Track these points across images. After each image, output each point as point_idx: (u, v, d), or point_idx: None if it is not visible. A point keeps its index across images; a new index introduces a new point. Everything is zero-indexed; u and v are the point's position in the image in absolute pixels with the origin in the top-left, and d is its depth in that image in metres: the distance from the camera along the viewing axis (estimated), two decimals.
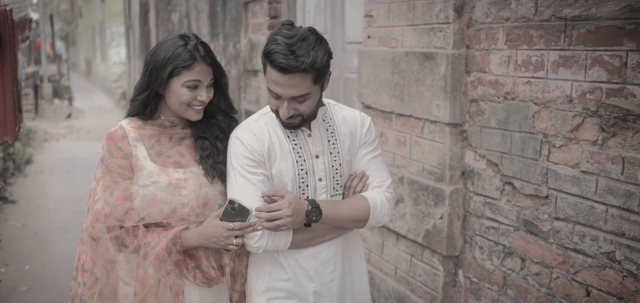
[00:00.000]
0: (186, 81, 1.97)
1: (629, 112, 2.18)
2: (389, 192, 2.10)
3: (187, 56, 1.96)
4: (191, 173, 2.05)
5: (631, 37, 2.15)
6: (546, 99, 2.51)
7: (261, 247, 1.96)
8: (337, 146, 2.05)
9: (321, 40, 1.88)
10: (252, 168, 1.95)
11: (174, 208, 2.00)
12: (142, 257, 2.00)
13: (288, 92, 1.86)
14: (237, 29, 5.75)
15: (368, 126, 2.11)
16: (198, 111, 2.04)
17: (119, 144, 2.04)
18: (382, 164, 2.13)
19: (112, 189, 2.02)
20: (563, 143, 2.46)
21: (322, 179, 2.03)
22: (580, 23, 2.33)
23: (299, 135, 2.02)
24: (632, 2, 2.13)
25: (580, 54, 2.34)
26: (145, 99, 2.04)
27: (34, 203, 7.36)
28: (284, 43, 1.81)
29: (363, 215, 2.03)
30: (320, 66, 1.84)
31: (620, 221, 2.25)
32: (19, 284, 4.82)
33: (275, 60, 1.81)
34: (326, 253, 2.05)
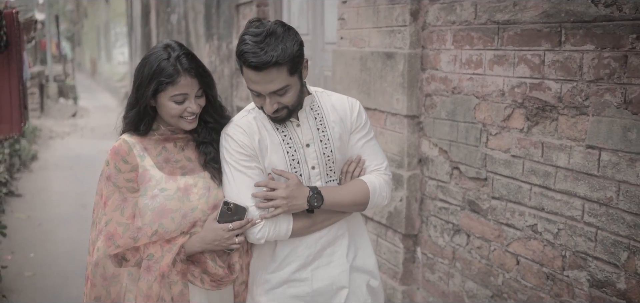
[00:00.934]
0: (172, 95, 1.98)
1: (547, 103, 2.56)
2: (386, 174, 2.13)
3: (170, 71, 1.96)
4: (199, 178, 2.07)
5: (547, 39, 2.52)
6: (484, 92, 2.89)
7: (263, 237, 1.99)
8: (327, 133, 2.08)
9: (289, 30, 1.90)
10: (245, 162, 1.99)
11: (184, 213, 2.02)
12: (144, 270, 2.01)
13: (267, 88, 1.89)
14: (230, 30, 6.14)
15: (358, 111, 2.13)
16: (191, 121, 2.05)
17: (126, 158, 2.04)
18: (377, 147, 2.16)
19: (122, 208, 2.03)
20: (497, 131, 2.84)
21: (315, 167, 2.06)
22: (510, 26, 2.71)
23: (287, 126, 2.05)
24: (547, 8, 2.51)
25: (510, 54, 2.72)
26: (135, 115, 2.06)
27: (38, 196, 7.77)
28: (252, 41, 1.84)
29: (363, 198, 2.07)
30: (292, 55, 1.86)
31: (541, 197, 2.63)
32: (24, 270, 5.20)
33: (247, 59, 1.84)
34: (326, 239, 2.08)
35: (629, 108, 2.21)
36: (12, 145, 8.81)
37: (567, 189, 2.50)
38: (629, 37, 2.18)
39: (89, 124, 14.23)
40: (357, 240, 2.19)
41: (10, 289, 4.75)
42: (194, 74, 1.99)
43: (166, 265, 1.97)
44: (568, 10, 2.41)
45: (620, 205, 2.28)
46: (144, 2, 10.63)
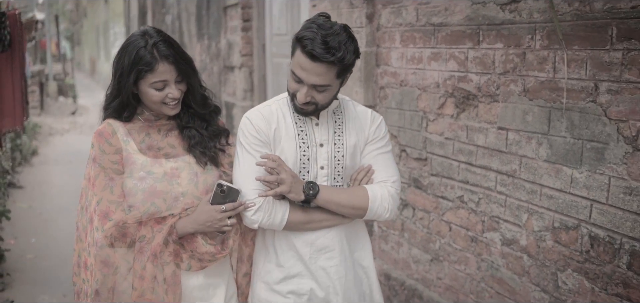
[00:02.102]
0: (151, 82, 2.03)
1: (470, 93, 3.08)
2: (393, 188, 2.14)
3: (148, 58, 2.00)
4: (183, 162, 2.12)
5: (469, 39, 3.05)
6: (424, 85, 3.41)
7: (257, 221, 2.04)
8: (343, 138, 2.13)
9: (353, 39, 1.97)
10: (257, 146, 2.05)
11: (175, 196, 2.07)
12: (137, 251, 2.05)
13: (311, 80, 1.94)
14: (218, 31, 6.67)
15: (378, 124, 2.20)
16: (173, 107, 2.09)
17: (110, 140, 2.08)
18: (390, 161, 2.19)
19: (111, 187, 2.07)
20: (434, 117, 3.36)
21: (324, 168, 2.11)
22: (442, 28, 3.23)
23: (306, 123, 2.11)
24: (469, 13, 3.03)
25: (443, 51, 3.24)
26: (118, 105, 2.10)
27: (39, 188, 8.31)
28: (319, 32, 1.89)
29: (361, 204, 2.09)
30: (348, 62, 1.94)
31: (466, 172, 3.16)
32: (26, 253, 5.73)
33: (306, 46, 1.89)
34: (322, 241, 2.12)
35: (527, 95, 2.73)
36: (13, 140, 9.36)
37: (484, 164, 3.03)
38: (526, 37, 2.70)
39: (88, 121, 14.75)
40: (358, 252, 2.23)
41: (14, 269, 5.27)
42: (171, 60, 2.03)
43: (157, 245, 2.02)
44: (484, 15, 2.93)
45: (522, 175, 2.81)
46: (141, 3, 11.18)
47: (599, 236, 2.44)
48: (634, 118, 2.25)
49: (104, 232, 2.03)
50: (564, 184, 2.58)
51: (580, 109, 2.47)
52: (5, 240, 5.76)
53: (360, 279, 2.23)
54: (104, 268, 2.05)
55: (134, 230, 2.05)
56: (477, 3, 2.95)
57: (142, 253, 2.04)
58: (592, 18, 2.38)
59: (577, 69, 2.47)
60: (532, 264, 2.78)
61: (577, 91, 2.48)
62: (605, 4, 2.32)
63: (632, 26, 2.23)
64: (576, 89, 2.48)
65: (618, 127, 2.32)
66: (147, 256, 2.03)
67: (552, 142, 2.62)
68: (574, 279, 2.57)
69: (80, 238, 2.15)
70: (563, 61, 2.52)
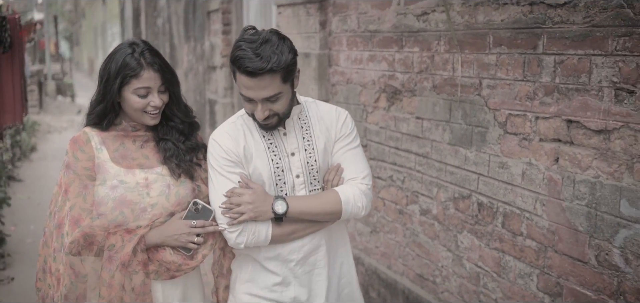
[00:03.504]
0: (135, 88, 2.10)
1: (397, 89, 3.74)
2: (363, 184, 2.17)
3: (134, 64, 2.08)
4: (157, 174, 2.18)
5: (395, 43, 3.70)
6: (364, 82, 4.07)
7: (242, 242, 2.08)
8: (312, 142, 2.16)
9: (284, 39, 1.99)
10: (229, 167, 2.09)
11: (144, 208, 2.12)
12: (106, 260, 2.07)
13: (260, 94, 1.97)
14: (203, 33, 7.34)
15: (343, 120, 2.23)
16: (154, 116, 2.16)
17: (84, 147, 2.14)
18: (359, 157, 2.22)
19: (84, 195, 2.10)
20: (372, 110, 4.02)
21: (300, 176, 2.14)
22: (376, 34, 3.89)
23: (274, 134, 2.14)
24: (395, 22, 3.68)
25: (377, 54, 3.90)
26: (101, 111, 2.15)
27: (37, 182, 8.99)
28: (248, 48, 1.92)
29: (334, 209, 2.12)
30: (286, 64, 1.95)
31: (394, 155, 3.82)
32: (25, 238, 6.40)
33: (242, 65, 1.92)
34: (309, 247, 2.17)
35: (435, 90, 3.39)
36: (13, 137, 10.03)
37: (407, 148, 3.68)
38: (434, 42, 3.36)
39: None
40: (339, 250, 2.28)
41: (15, 251, 5.94)
42: (157, 68, 2.11)
43: (127, 254, 2.05)
44: (405, 24, 3.59)
45: (432, 156, 3.46)
46: (135, 6, 11.87)
47: (484, 202, 3.09)
48: (504, 107, 2.90)
49: (70, 240, 2.05)
50: (460, 162, 3.24)
51: (470, 101, 3.12)
52: (6, 226, 6.42)
53: (342, 279, 2.29)
54: (73, 275, 2.08)
55: (101, 238, 2.08)
56: (400, 14, 3.61)
57: (111, 261, 2.06)
58: (477, 28, 3.03)
59: (467, 69, 3.12)
60: (441, 229, 3.44)
61: (468, 87, 3.13)
62: (485, 17, 2.97)
63: (502, 35, 2.88)
64: (467, 85, 3.13)
65: (494, 115, 2.97)
66: (116, 265, 2.05)
67: (452, 128, 3.28)
68: (468, 239, 3.23)
69: (46, 243, 2.18)
70: (458, 62, 3.17)
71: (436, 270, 3.51)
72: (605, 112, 2.39)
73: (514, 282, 2.93)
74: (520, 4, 2.75)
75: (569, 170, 2.58)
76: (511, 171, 2.89)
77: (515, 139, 2.85)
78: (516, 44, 2.79)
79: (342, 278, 2.30)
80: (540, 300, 2.78)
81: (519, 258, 2.89)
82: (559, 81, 2.59)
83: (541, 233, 2.75)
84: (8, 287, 5.13)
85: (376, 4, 3.83)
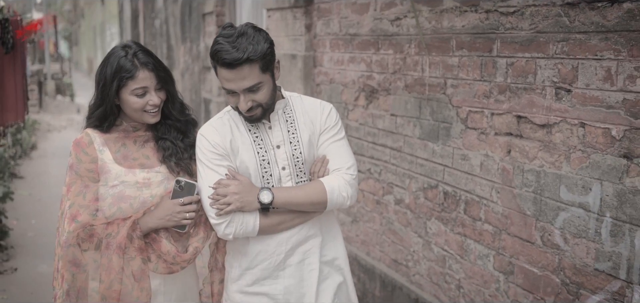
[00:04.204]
0: (132, 90, 2.16)
1: (374, 88, 4.06)
2: (348, 174, 2.22)
3: (129, 66, 2.15)
4: (156, 173, 2.24)
5: (373, 46, 4.02)
6: (345, 82, 4.40)
7: (231, 233, 2.13)
8: (297, 135, 2.22)
9: (259, 31, 2.06)
10: (217, 160, 2.15)
11: (143, 201, 2.19)
12: (105, 247, 2.15)
13: (240, 85, 2.04)
14: (198, 35, 7.67)
15: (328, 113, 2.29)
16: (154, 115, 2.22)
17: (86, 149, 2.19)
18: (344, 148, 2.27)
19: (84, 193, 2.17)
20: (352, 107, 4.34)
21: (286, 168, 2.20)
22: (356, 37, 4.21)
23: (259, 128, 2.20)
24: (372, 26, 4.00)
25: (357, 55, 4.22)
26: (101, 114, 2.21)
27: (38, 178, 9.31)
28: (225, 41, 2.00)
29: (319, 199, 2.16)
30: (263, 52, 2.02)
31: (372, 150, 4.14)
32: (27, 232, 6.72)
33: (220, 58, 2.00)
34: (297, 238, 2.22)
35: (407, 89, 3.71)
36: (14, 135, 10.35)
37: (383, 143, 4.01)
38: (406, 45, 3.68)
39: None
40: (331, 239, 2.33)
41: (17, 244, 6.26)
42: (151, 67, 2.19)
43: (122, 238, 2.13)
44: (381, 28, 3.91)
45: (405, 150, 3.78)
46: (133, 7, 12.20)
47: (449, 191, 3.42)
48: (465, 105, 3.22)
49: (70, 233, 2.12)
50: (429, 155, 3.56)
51: (437, 99, 3.44)
52: (9, 220, 6.74)
53: (333, 271, 2.33)
54: (72, 267, 2.16)
55: (100, 230, 2.15)
56: (376, 18, 3.93)
57: (108, 247, 2.14)
58: (442, 33, 3.36)
59: (434, 70, 3.44)
60: (412, 217, 3.77)
61: (435, 86, 3.45)
62: (449, 23, 3.29)
63: (463, 39, 3.20)
64: (434, 84, 3.46)
65: (457, 112, 3.29)
66: (113, 249, 2.13)
67: (422, 124, 3.60)
68: (436, 225, 3.55)
69: (59, 242, 2.23)
70: (426, 63, 3.49)
71: (408, 255, 3.84)
72: (548, 109, 2.71)
73: (474, 262, 3.25)
74: (478, 11, 3.07)
75: (519, 161, 2.90)
76: (471, 163, 3.21)
77: (475, 133, 3.17)
78: (475, 48, 3.12)
79: (338, 267, 2.34)
80: (496, 279, 3.10)
81: (478, 241, 3.21)
82: (510, 81, 2.91)
83: (496, 217, 3.07)
84: (11, 277, 5.45)
85: (356, 9, 4.15)
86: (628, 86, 2.35)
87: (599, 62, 2.45)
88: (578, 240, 2.61)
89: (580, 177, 2.58)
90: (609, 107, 2.43)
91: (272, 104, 2.18)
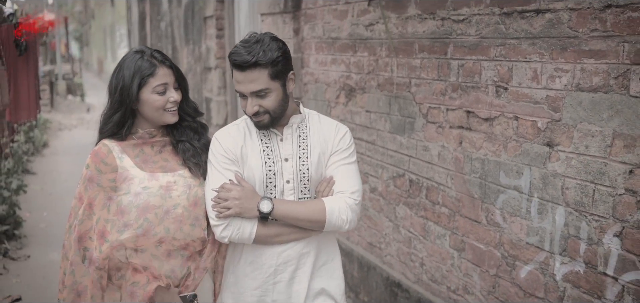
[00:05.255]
0: (154, 87, 2.19)
1: (352, 87, 4.49)
2: (351, 199, 2.22)
3: (147, 65, 2.18)
4: (179, 176, 2.26)
5: (350, 49, 4.45)
6: (328, 81, 4.83)
7: (227, 237, 2.18)
8: (307, 151, 2.24)
9: (276, 40, 2.13)
10: (225, 164, 2.21)
11: (167, 210, 2.20)
12: (128, 295, 2.18)
13: (248, 88, 2.11)
14: (200, 37, 8.13)
15: (342, 135, 2.31)
16: (174, 113, 2.25)
17: (106, 159, 2.20)
18: (352, 172, 2.28)
19: (108, 206, 2.17)
20: (334, 105, 4.77)
21: (290, 182, 2.23)
22: (337, 41, 4.64)
23: (271, 139, 2.25)
24: (350, 31, 4.43)
25: (338, 57, 4.65)
26: (119, 119, 2.21)
27: (49, 174, 9.81)
28: (241, 45, 2.11)
29: (318, 217, 2.17)
30: (272, 59, 2.09)
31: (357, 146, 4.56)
32: (39, 223, 7.20)
33: (233, 60, 2.10)
34: (289, 253, 2.24)
35: (379, 88, 4.14)
36: (27, 133, 10.87)
37: (360, 136, 4.44)
38: (378, 48, 4.11)
39: (95, 118, 16.26)
40: (327, 262, 2.33)
41: (30, 234, 6.74)
42: (169, 64, 2.25)
43: (149, 292, 2.17)
44: (357, 32, 4.34)
45: (378, 143, 4.21)
46: (141, 9, 12.70)
47: (413, 179, 3.85)
48: (426, 102, 3.65)
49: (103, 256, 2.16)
50: (397, 147, 3.99)
51: (403, 97, 3.87)
52: (22, 211, 7.23)
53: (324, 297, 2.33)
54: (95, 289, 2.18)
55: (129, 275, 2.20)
56: (354, 24, 4.36)
57: (133, 297, 2.17)
58: (407, 37, 3.78)
59: (401, 70, 3.87)
60: (384, 203, 4.19)
61: (402, 85, 3.88)
62: (412, 29, 3.72)
63: (424, 43, 3.62)
64: (401, 83, 3.88)
65: (419, 108, 3.72)
66: (137, 300, 2.17)
67: (391, 119, 4.03)
68: (403, 210, 3.98)
69: (66, 255, 2.23)
70: (395, 65, 3.92)
71: (381, 237, 4.27)
72: (490, 105, 3.13)
73: (433, 242, 3.68)
74: (435, 19, 3.49)
75: (468, 150, 3.32)
76: (431, 153, 3.64)
77: (434, 127, 3.59)
78: (433, 51, 3.54)
79: (329, 292, 2.35)
80: (451, 256, 3.52)
81: (436, 223, 3.64)
82: (461, 80, 3.33)
83: (451, 201, 3.49)
84: (25, 263, 5.92)
85: (337, 15, 4.58)
86: (550, 84, 2.76)
87: (528, 64, 2.87)
88: (514, 218, 3.03)
89: (514, 163, 3.00)
90: (535, 102, 2.84)
91: (281, 114, 2.22)
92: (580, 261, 2.65)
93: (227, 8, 7.26)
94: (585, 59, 2.56)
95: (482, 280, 3.27)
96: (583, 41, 2.56)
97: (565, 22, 2.65)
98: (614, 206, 2.47)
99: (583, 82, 2.58)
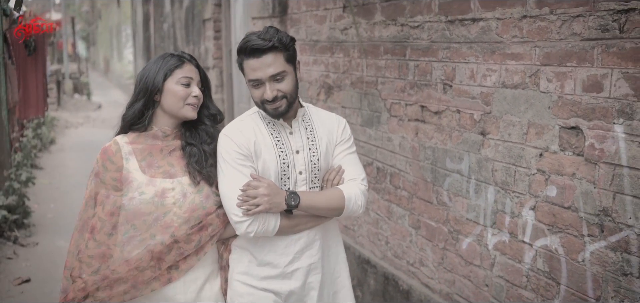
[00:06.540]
0: (179, 78, 2.27)
1: (330, 85, 5.02)
2: (363, 185, 2.38)
3: (175, 59, 2.30)
4: (178, 183, 2.29)
5: (329, 51, 4.98)
6: (311, 80, 5.36)
7: (252, 231, 2.23)
8: (316, 143, 2.34)
9: (283, 30, 2.27)
10: (240, 160, 2.23)
11: (157, 217, 2.24)
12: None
13: (267, 72, 2.16)
14: (199, 38, 8.68)
15: (343, 126, 2.45)
16: (194, 108, 2.30)
17: (113, 158, 2.26)
18: (357, 160, 2.44)
19: (104, 204, 2.24)
20: (316, 101, 5.31)
21: (302, 173, 2.31)
22: (317, 43, 5.17)
23: (281, 133, 2.32)
24: (329, 34, 4.96)
25: (318, 58, 5.19)
26: (141, 107, 2.27)
27: (57, 169, 10.36)
28: (253, 35, 2.20)
29: (338, 205, 2.31)
30: (286, 42, 2.20)
31: None
32: (46, 214, 7.73)
33: (247, 48, 2.16)
34: (305, 240, 2.34)
35: (352, 86, 4.67)
36: (35, 130, 11.44)
37: None
38: (351, 50, 4.64)
39: (101, 116, 16.87)
40: (333, 246, 2.48)
41: (38, 224, 7.27)
42: (195, 64, 2.36)
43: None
44: (334, 36, 4.87)
45: (359, 138, 4.74)
46: (145, 10, 13.28)
47: (380, 167, 4.38)
48: (390, 98, 4.18)
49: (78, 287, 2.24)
50: (367, 139, 4.52)
51: (372, 94, 4.40)
52: (31, 203, 7.78)
53: (335, 273, 2.48)
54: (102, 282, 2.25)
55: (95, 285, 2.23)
56: (331, 28, 4.90)
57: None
58: (374, 41, 4.31)
59: (370, 70, 4.40)
60: None
61: (370, 83, 4.41)
62: (378, 33, 4.25)
63: (388, 46, 4.15)
64: (370, 81, 4.42)
65: (384, 103, 4.25)
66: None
67: (362, 114, 4.56)
68: (372, 195, 4.51)
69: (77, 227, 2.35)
70: (364, 65, 4.45)
71: (354, 221, 4.80)
72: (439, 100, 3.66)
73: (396, 222, 4.21)
74: (396, 25, 4.02)
75: (423, 140, 3.85)
76: (394, 143, 4.17)
77: (395, 120, 4.13)
78: (395, 53, 4.07)
79: (334, 272, 2.49)
80: (410, 233, 4.05)
81: (398, 205, 4.17)
82: (417, 79, 3.86)
83: (409, 185, 4.02)
84: (33, 250, 6.46)
85: (317, 20, 5.12)
86: (483, 82, 3.28)
87: (467, 64, 3.39)
88: (457, 198, 3.55)
89: (457, 150, 3.52)
90: (472, 98, 3.37)
91: (294, 100, 2.32)
92: (505, 232, 3.17)
93: (224, 11, 7.81)
94: (508, 61, 3.08)
95: (433, 253, 3.80)
96: (507, 45, 3.09)
97: (493, 29, 3.17)
98: (530, 184, 2.99)
99: (507, 80, 3.10)
